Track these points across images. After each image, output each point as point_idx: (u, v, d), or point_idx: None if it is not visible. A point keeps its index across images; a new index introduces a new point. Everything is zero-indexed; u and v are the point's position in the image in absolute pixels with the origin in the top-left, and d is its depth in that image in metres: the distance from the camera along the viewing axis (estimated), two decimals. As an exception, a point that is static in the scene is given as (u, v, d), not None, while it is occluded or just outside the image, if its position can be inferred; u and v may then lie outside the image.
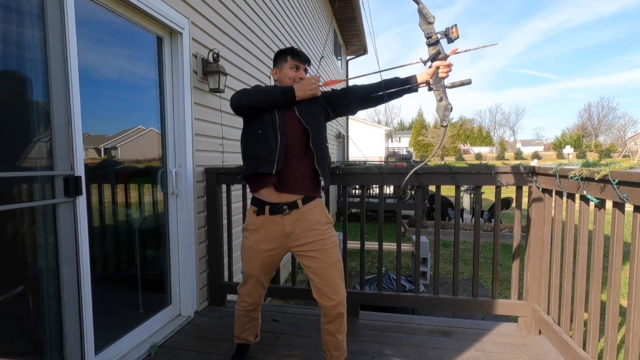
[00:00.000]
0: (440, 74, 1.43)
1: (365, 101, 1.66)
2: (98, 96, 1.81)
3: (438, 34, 1.38)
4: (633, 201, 1.28)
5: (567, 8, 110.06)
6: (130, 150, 2.10)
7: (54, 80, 1.43)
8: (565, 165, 1.79)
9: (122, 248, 2.06)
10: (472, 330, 2.19)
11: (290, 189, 1.59)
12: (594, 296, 1.56)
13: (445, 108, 1.39)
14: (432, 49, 1.40)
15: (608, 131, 47.55)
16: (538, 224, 2.08)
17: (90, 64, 1.71)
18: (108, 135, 1.92)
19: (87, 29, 1.67)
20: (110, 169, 1.96)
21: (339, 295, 1.59)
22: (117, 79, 1.96)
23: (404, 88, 1.57)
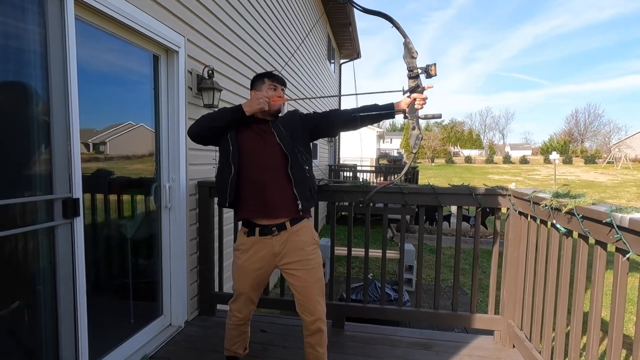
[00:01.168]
0: (416, 105, 1.55)
1: (347, 124, 1.78)
2: (95, 114, 1.87)
3: (419, 69, 1.48)
4: (594, 236, 1.40)
5: (559, 14, 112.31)
6: (124, 165, 2.16)
7: (55, 107, 1.48)
8: (539, 192, 1.91)
9: (114, 260, 2.11)
10: (451, 343, 2.31)
11: (275, 214, 1.68)
12: (560, 317, 1.69)
13: (417, 137, 1.51)
14: (412, 81, 1.51)
15: (594, 137, 48.78)
16: (514, 244, 2.20)
17: (88, 87, 1.76)
18: (102, 150, 1.98)
19: (88, 54, 1.73)
20: (103, 179, 2.00)
21: (318, 311, 1.72)
22: (114, 98, 2.01)
23: (382, 113, 1.69)
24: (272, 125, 1.71)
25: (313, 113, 1.85)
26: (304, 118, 1.79)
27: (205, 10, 2.70)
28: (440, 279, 2.42)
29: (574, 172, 26.40)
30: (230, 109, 1.69)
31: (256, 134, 1.70)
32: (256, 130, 1.71)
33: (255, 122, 1.72)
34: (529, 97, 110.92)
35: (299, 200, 1.68)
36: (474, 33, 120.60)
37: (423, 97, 1.56)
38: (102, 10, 1.69)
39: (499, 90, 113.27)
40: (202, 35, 2.66)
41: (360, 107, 1.74)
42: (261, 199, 1.67)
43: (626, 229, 1.21)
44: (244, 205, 1.72)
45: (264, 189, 1.67)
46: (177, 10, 2.33)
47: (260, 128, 1.71)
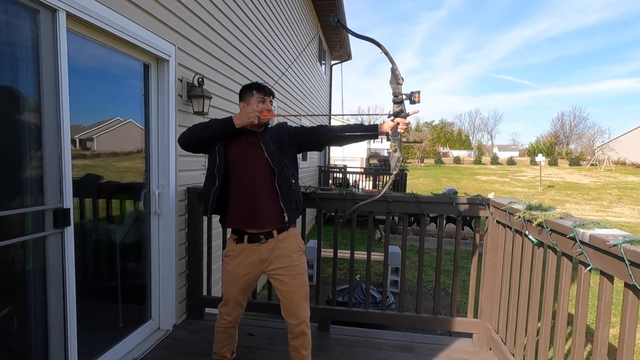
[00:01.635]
0: (399, 129, 1.63)
1: (333, 141, 1.90)
2: (87, 125, 1.90)
3: (404, 95, 1.56)
4: (561, 248, 1.50)
5: (547, 18, 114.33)
6: (114, 170, 2.20)
7: (46, 119, 1.52)
8: (514, 203, 2.01)
9: (104, 265, 2.15)
10: (432, 345, 2.41)
11: (262, 225, 1.75)
12: (531, 322, 1.79)
13: (398, 159, 1.59)
14: (396, 106, 1.59)
15: (578, 140, 49.97)
16: (492, 251, 2.30)
17: (80, 98, 1.79)
18: (94, 157, 2.01)
19: (79, 66, 1.76)
20: (92, 184, 2.03)
21: (302, 315, 1.80)
22: (105, 108, 2.04)
23: (367, 134, 1.79)
24: (260, 139, 1.77)
25: (301, 127, 1.93)
26: (292, 132, 1.86)
27: (196, 19, 2.74)
28: (423, 281, 2.51)
29: (559, 173, 27.00)
30: (221, 121, 1.74)
31: (245, 146, 1.76)
32: (245, 143, 1.77)
33: (245, 134, 1.78)
34: (517, 98, 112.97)
35: (286, 213, 1.75)
36: (464, 34, 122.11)
37: (406, 122, 1.64)
38: (94, 23, 1.72)
39: (488, 91, 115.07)
40: (192, 43, 2.69)
41: (347, 125, 1.83)
42: (249, 211, 1.74)
43: (587, 244, 1.31)
44: (233, 216, 1.78)
45: (252, 201, 1.73)
46: (168, 19, 2.36)
47: (250, 141, 1.77)
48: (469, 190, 18.86)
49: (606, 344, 1.29)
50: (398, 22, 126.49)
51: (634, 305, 1.16)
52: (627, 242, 1.12)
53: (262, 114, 1.73)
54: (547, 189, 19.90)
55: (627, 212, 13.72)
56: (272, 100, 1.88)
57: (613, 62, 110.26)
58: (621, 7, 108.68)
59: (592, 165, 31.63)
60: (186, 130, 1.77)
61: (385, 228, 2.59)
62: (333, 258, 2.58)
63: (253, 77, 4.16)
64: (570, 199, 16.76)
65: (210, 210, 1.76)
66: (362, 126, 1.82)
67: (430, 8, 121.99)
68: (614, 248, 1.14)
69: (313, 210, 9.47)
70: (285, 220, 1.76)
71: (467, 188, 19.88)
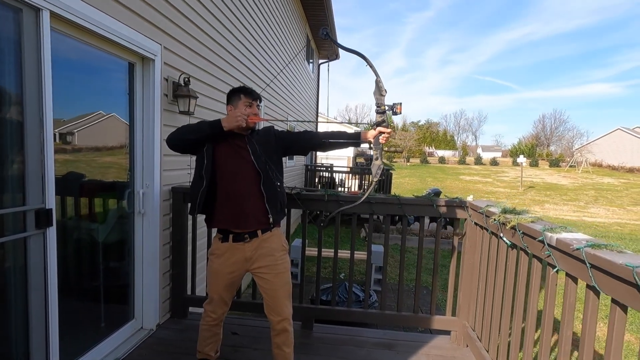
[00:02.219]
0: (380, 139, 1.69)
1: (317, 147, 1.95)
2: (69, 124, 1.88)
3: (386, 106, 1.62)
4: (532, 250, 1.59)
5: (531, 22, 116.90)
6: (96, 166, 2.18)
7: (28, 120, 1.51)
8: (491, 206, 2.10)
9: (86, 265, 2.13)
10: (411, 343, 2.48)
11: (248, 225, 1.79)
12: (504, 320, 1.88)
13: (379, 167, 1.65)
14: (379, 116, 1.64)
15: (558, 142, 51.42)
16: (470, 252, 2.39)
17: (63, 97, 1.78)
18: (75, 152, 1.99)
19: (63, 65, 1.74)
20: (74, 182, 2.01)
21: (285, 312, 1.86)
22: (88, 108, 2.03)
23: (350, 141, 1.86)
24: (247, 142, 1.81)
25: (287, 132, 1.98)
26: (278, 136, 1.90)
27: (183, 18, 2.73)
28: (406, 280, 2.58)
29: (539, 174, 27.78)
30: (209, 123, 1.76)
31: (232, 149, 1.80)
32: (232, 146, 1.80)
33: (232, 137, 1.81)
34: (501, 100, 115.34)
35: (270, 215, 1.80)
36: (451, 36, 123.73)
37: (388, 131, 1.70)
38: (79, 22, 1.71)
39: (473, 92, 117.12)
40: (179, 43, 2.68)
41: (331, 132, 1.88)
42: (235, 212, 1.77)
43: (554, 247, 1.39)
44: (218, 216, 1.82)
45: (238, 203, 1.77)
46: (154, 18, 2.35)
47: (237, 144, 1.80)
48: (452, 190, 19.23)
49: (570, 340, 1.38)
50: (386, 22, 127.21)
51: (594, 304, 1.25)
52: (589, 246, 1.20)
53: (249, 118, 1.76)
54: (528, 189, 20.47)
55: (602, 212, 14.26)
56: (259, 105, 1.91)
57: (592, 67, 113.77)
58: (601, 14, 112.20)
59: (571, 167, 32.66)
60: (174, 131, 1.79)
61: (369, 229, 2.65)
62: (317, 257, 2.62)
63: (241, 76, 4.16)
64: (550, 199, 17.29)
65: (198, 210, 1.80)
66: (346, 133, 1.89)
67: (418, 9, 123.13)
68: (577, 251, 1.22)
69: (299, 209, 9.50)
70: (270, 222, 1.81)
71: (451, 188, 20.25)
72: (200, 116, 3.01)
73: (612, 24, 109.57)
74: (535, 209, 14.16)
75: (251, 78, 4.65)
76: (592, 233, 9.89)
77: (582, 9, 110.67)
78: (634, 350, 3.55)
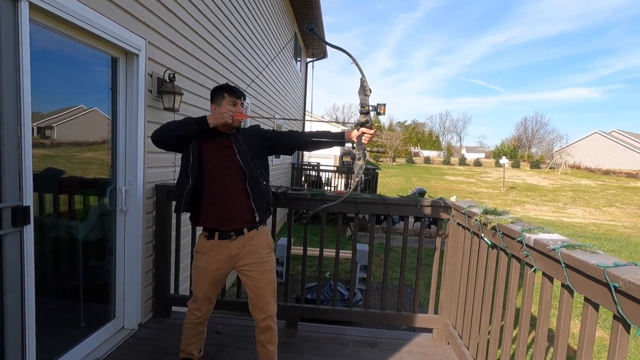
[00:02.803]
0: (363, 139, 1.70)
1: (302, 147, 1.96)
2: (49, 119, 1.83)
3: (370, 106, 1.63)
4: (511, 250, 1.63)
5: (515, 26, 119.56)
6: (76, 161, 2.13)
7: (5, 114, 1.46)
8: (473, 207, 2.14)
9: (65, 264, 2.08)
10: (394, 341, 2.52)
11: (233, 224, 1.79)
12: (484, 318, 1.93)
13: (360, 167, 1.67)
14: (362, 117, 1.66)
15: (539, 144, 52.83)
16: (453, 251, 2.44)
17: (42, 92, 1.73)
18: (54, 144, 1.94)
19: (42, 57, 1.69)
20: (53, 178, 1.96)
21: (269, 310, 1.86)
22: (69, 103, 1.97)
23: (334, 140, 1.88)
24: (233, 140, 1.80)
25: (273, 131, 1.98)
26: (264, 135, 1.90)
27: (169, 13, 2.68)
28: (391, 278, 2.62)
29: (520, 175, 28.48)
30: (195, 119, 1.75)
31: (218, 147, 1.78)
32: (218, 144, 1.79)
33: (218, 135, 1.80)
34: (486, 102, 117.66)
35: (257, 213, 1.80)
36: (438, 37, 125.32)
37: (371, 132, 1.72)
38: (59, 15, 1.66)
39: (459, 94, 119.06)
40: (164, 38, 2.64)
41: (316, 131, 1.89)
42: (220, 210, 1.77)
43: (532, 247, 1.44)
44: (204, 215, 1.81)
45: (224, 201, 1.77)
46: (139, 12, 2.30)
47: (222, 142, 1.79)
48: (437, 190, 19.53)
49: (545, 337, 1.43)
50: (375, 22, 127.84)
51: (568, 302, 1.29)
52: (564, 247, 1.25)
53: (235, 115, 1.75)
54: (510, 190, 20.96)
55: (580, 213, 14.73)
56: (243, 103, 1.90)
57: (573, 71, 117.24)
58: (583, 20, 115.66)
59: (551, 169, 33.60)
60: (159, 127, 1.77)
61: (354, 228, 2.67)
62: (302, 256, 2.63)
63: (227, 73, 4.12)
64: (530, 199, 17.75)
65: (184, 209, 1.78)
66: (330, 133, 1.90)
67: (406, 9, 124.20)
68: (553, 252, 1.27)
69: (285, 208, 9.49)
70: (256, 221, 1.81)
71: (435, 188, 20.56)
72: (185, 113, 2.96)
73: (593, 31, 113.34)
74: (516, 209, 14.53)
75: (238, 75, 4.61)
76: (569, 233, 10.23)
77: (565, 14, 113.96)
78: (605, 346, 3.70)
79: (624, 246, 8.84)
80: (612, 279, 1.02)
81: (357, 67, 1.60)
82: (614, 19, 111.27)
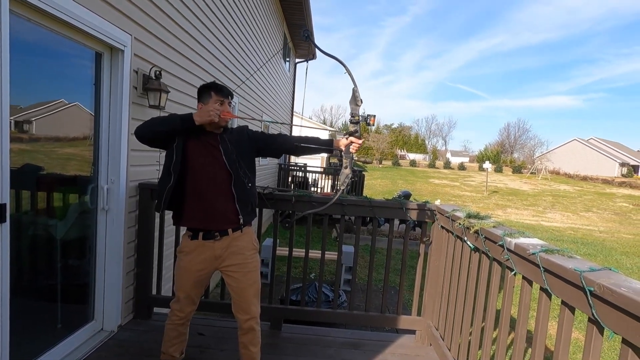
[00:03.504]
0: (351, 148, 1.72)
1: (290, 151, 1.97)
2: (29, 115, 1.77)
3: (360, 116, 1.65)
4: (492, 254, 1.67)
5: (500, 33, 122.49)
6: (55, 157, 2.07)
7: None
8: (456, 211, 2.18)
9: (42, 263, 2.02)
10: (377, 342, 2.54)
11: (217, 225, 1.77)
12: (464, 320, 1.96)
13: (347, 176, 1.69)
14: (352, 126, 1.68)
15: (521, 149, 54.29)
16: (436, 254, 2.48)
17: (22, 87, 1.67)
18: (33, 139, 1.88)
19: (22, 49, 1.64)
20: (31, 175, 1.90)
21: (252, 311, 1.85)
22: (49, 94, 1.92)
23: (323, 148, 1.89)
24: (220, 141, 1.78)
25: (261, 133, 1.96)
26: (252, 136, 1.89)
27: (156, 8, 2.64)
28: (375, 280, 2.64)
29: (502, 180, 29.16)
30: (181, 116, 1.72)
31: (204, 147, 1.76)
32: (204, 144, 1.76)
33: (204, 135, 1.77)
34: (471, 107, 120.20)
35: (241, 215, 1.79)
36: (426, 42, 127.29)
37: (359, 142, 1.74)
38: (41, 7, 1.61)
39: (445, 98, 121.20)
40: (151, 34, 2.59)
41: (305, 137, 1.89)
42: (204, 211, 1.75)
43: (513, 252, 1.47)
44: (188, 215, 1.78)
45: (208, 202, 1.75)
46: (124, 7, 2.25)
47: (209, 142, 1.77)
48: (422, 193, 19.79)
49: (524, 339, 1.47)
50: (365, 24, 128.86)
51: (546, 305, 1.33)
52: (543, 251, 1.29)
53: (222, 114, 1.73)
54: (492, 193, 21.43)
55: (558, 217, 15.19)
56: (230, 102, 1.88)
57: (555, 79, 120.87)
58: (566, 29, 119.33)
59: (532, 174, 34.51)
60: (144, 122, 1.74)
61: (340, 230, 2.68)
62: (288, 257, 2.62)
63: (215, 72, 4.07)
64: (512, 203, 18.19)
65: (163, 207, 1.75)
66: (319, 140, 1.91)
67: (395, 13, 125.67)
68: (532, 256, 1.30)
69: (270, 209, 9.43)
70: (240, 222, 1.79)
71: (420, 190, 20.83)
72: (172, 111, 2.91)
73: (574, 40, 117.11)
74: (498, 213, 14.87)
75: (226, 74, 4.57)
76: (548, 237, 10.52)
77: (548, 23, 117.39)
78: (580, 347, 3.82)
79: (599, 250, 9.16)
80: (587, 283, 1.05)
81: (350, 76, 1.61)
82: (595, 30, 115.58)
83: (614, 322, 1.00)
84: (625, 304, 0.93)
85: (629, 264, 7.88)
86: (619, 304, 0.95)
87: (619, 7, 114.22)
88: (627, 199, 21.43)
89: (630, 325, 0.94)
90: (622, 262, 8.03)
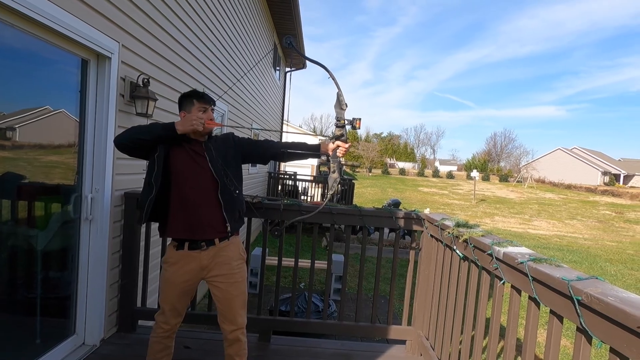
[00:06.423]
0: (337, 152, 1.72)
1: (276, 157, 1.92)
2: (10, 122, 1.73)
3: (346, 120, 1.65)
4: (481, 263, 1.68)
5: (488, 45, 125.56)
6: (38, 165, 2.01)
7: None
8: (446, 220, 2.19)
9: (21, 275, 1.94)
10: (367, 353, 2.51)
11: (204, 235, 1.73)
12: (454, 330, 1.96)
13: (335, 180, 1.68)
14: (338, 130, 1.68)
15: (508, 158, 55.27)
16: (426, 263, 2.48)
17: (2, 88, 1.63)
18: (15, 146, 1.83)
19: (4, 55, 1.60)
20: (12, 183, 1.84)
21: (238, 322, 1.81)
22: (33, 101, 1.87)
23: (310, 152, 1.87)
24: (205, 148, 1.75)
25: (247, 139, 1.94)
26: (237, 143, 1.86)
27: (144, 16, 2.62)
28: (365, 289, 2.62)
29: (490, 188, 29.61)
30: (162, 125, 1.69)
31: (189, 155, 1.73)
32: (189, 152, 1.74)
33: (188, 143, 1.74)
34: (459, 117, 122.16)
35: (228, 223, 1.75)
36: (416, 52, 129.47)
37: (346, 146, 1.73)
38: (24, 12, 1.58)
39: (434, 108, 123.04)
40: (139, 42, 2.57)
41: (292, 142, 1.88)
42: (190, 221, 1.71)
43: (501, 261, 1.48)
44: (173, 225, 1.74)
45: (194, 211, 1.71)
46: (112, 14, 2.23)
47: (193, 150, 1.74)
48: (412, 201, 19.93)
49: (514, 347, 1.47)
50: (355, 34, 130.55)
51: (535, 314, 1.33)
52: (532, 261, 1.29)
53: (207, 123, 1.71)
54: (480, 202, 21.70)
55: (544, 225, 15.45)
56: (213, 109, 1.86)
57: (540, 90, 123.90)
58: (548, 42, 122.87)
59: (518, 182, 35.12)
60: (124, 130, 1.70)
61: (330, 239, 2.66)
62: (277, 267, 2.59)
63: (205, 80, 4.06)
64: (499, 212, 18.45)
65: (145, 219, 1.71)
66: (306, 145, 1.89)
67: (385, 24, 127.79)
68: (521, 265, 1.31)
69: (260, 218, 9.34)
70: (227, 230, 1.76)
71: (410, 199, 20.98)
72: (160, 119, 2.88)
73: (558, 53, 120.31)
74: (486, 221, 15.04)
75: (216, 83, 4.55)
76: (535, 245, 10.68)
77: (534, 36, 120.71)
78: (568, 354, 3.85)
79: (585, 257, 9.32)
80: (575, 293, 1.06)
81: (334, 81, 1.62)
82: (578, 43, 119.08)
83: (602, 331, 1.00)
84: (612, 313, 0.94)
85: (613, 271, 8.03)
86: (607, 313, 0.95)
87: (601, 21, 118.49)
88: (610, 206, 21.95)
89: (617, 334, 0.94)
90: (607, 269, 8.18)
